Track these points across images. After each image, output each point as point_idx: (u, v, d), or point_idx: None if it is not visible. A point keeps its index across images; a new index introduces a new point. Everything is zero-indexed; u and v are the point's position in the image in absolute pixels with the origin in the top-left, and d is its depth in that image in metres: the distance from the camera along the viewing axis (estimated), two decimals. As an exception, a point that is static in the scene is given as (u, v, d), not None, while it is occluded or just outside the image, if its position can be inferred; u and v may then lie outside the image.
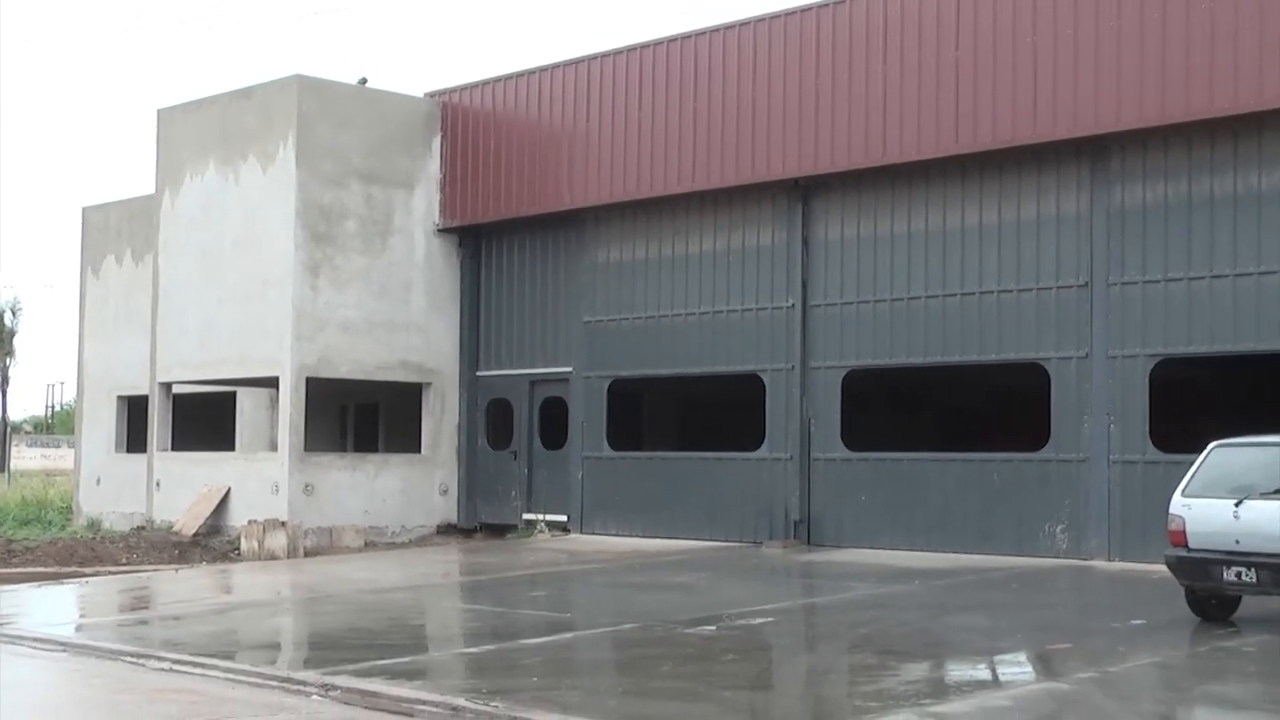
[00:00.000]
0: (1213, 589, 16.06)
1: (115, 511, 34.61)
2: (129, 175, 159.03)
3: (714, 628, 17.00)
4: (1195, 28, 21.55)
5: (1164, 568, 16.69)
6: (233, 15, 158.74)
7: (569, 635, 17.35)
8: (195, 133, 31.71)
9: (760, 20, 26.62)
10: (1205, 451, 16.51)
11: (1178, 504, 16.18)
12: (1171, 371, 23.12)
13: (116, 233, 37.30)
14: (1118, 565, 22.24)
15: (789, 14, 26.21)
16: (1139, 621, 16.77)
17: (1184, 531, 15.98)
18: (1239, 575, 15.48)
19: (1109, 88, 22.38)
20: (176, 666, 15.10)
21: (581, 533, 29.68)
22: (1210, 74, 21.43)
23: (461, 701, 12.45)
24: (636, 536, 28.46)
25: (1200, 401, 26.83)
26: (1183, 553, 16.03)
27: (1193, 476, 16.31)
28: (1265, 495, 15.44)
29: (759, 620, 17.88)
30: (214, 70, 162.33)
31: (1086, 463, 23.16)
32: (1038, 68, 23.10)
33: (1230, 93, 21.29)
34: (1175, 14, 21.72)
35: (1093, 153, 23.30)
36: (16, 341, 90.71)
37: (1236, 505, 15.51)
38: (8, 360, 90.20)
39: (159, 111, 32.77)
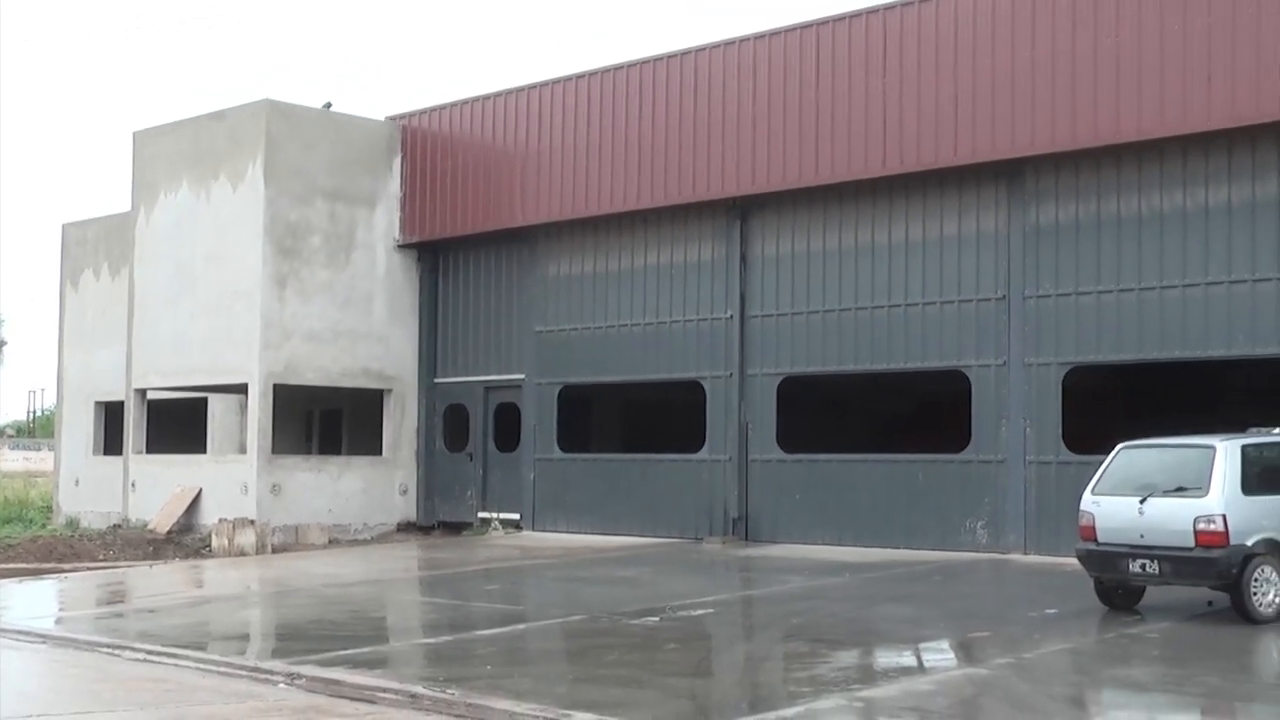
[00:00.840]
0: (1119, 580, 16.27)
1: (93, 511, 34.41)
2: (107, 192, 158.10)
3: (657, 619, 17.04)
4: (1103, 61, 21.75)
5: (1075, 560, 16.89)
6: (206, 36, 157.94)
7: (521, 626, 17.34)
8: (169, 153, 31.57)
9: (700, 50, 26.71)
10: (1113, 453, 16.72)
11: (1087, 501, 16.37)
12: (1082, 378, 23.25)
13: (94, 248, 37.14)
14: (1033, 558, 22.34)
15: (727, 44, 26.31)
16: (1052, 611, 16.88)
17: (1093, 527, 16.19)
18: (1143, 567, 15.71)
19: (1025, 114, 22.55)
20: (151, 657, 15.07)
21: (533, 530, 29.65)
22: (1116, 103, 21.63)
23: (420, 689, 12.50)
24: (585, 533, 28.45)
25: (1108, 406, 27.05)
26: (1092, 547, 16.24)
27: (1101, 476, 16.50)
28: (1167, 493, 15.67)
29: (699, 611, 17.91)
30: (187, 88, 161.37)
31: (1004, 463, 23.31)
32: (958, 96, 23.26)
33: (1134, 120, 21.49)
34: (1084, 48, 21.92)
35: (1009, 175, 23.45)
36: (2, 351, 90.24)
37: (1141, 503, 15.72)
38: None
39: (135, 133, 32.60)
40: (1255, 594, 15.23)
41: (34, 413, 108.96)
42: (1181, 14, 21.02)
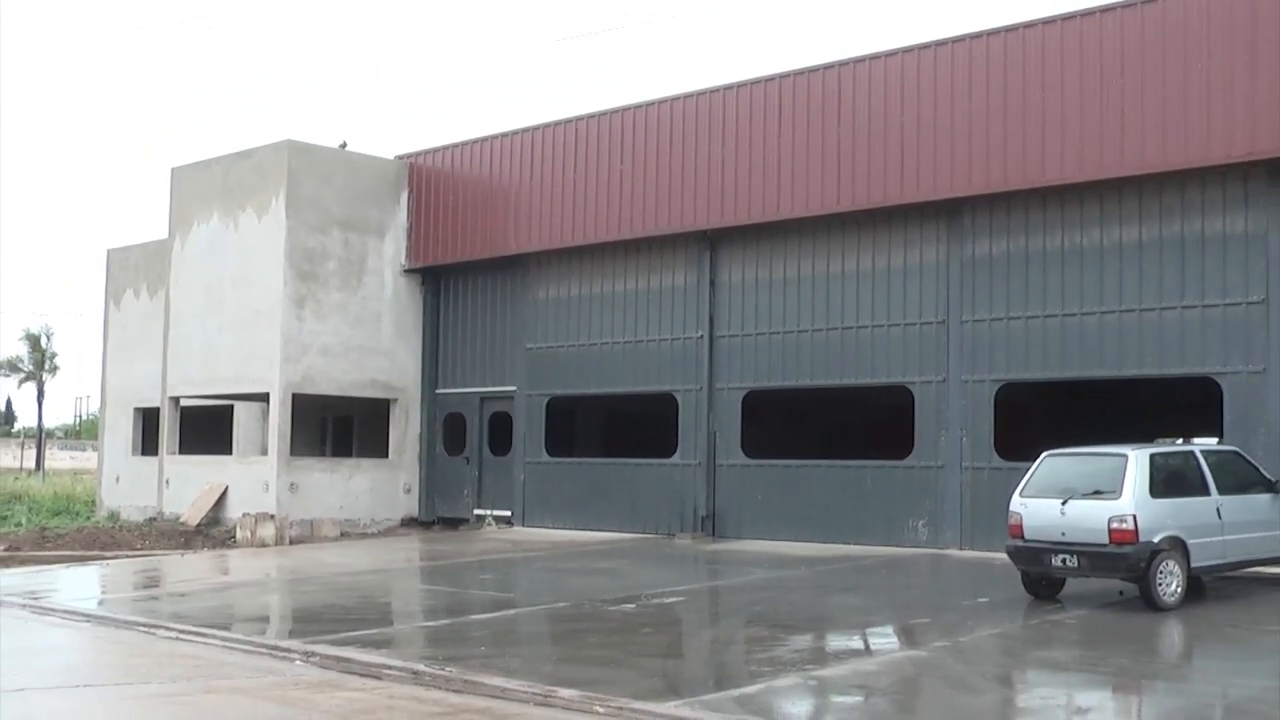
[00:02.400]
0: (1043, 573, 16.35)
1: (131, 505, 34.33)
2: (146, 220, 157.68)
3: (634, 605, 17.04)
4: (1030, 114, 21.90)
5: (1005, 555, 16.92)
6: (238, 77, 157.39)
7: (512, 612, 17.32)
8: (202, 187, 31.54)
9: (675, 99, 26.80)
10: (1038, 460, 16.83)
11: (1016, 503, 16.45)
12: (1012, 394, 23.33)
13: (135, 271, 37.06)
14: (968, 553, 22.41)
15: (700, 94, 26.39)
16: (984, 600, 16.95)
17: (1021, 525, 16.26)
18: (1064, 561, 15.80)
19: (962, 160, 22.70)
20: (182, 636, 15.09)
21: (523, 525, 29.65)
22: (1042, 151, 21.79)
23: (421, 667, 12.51)
24: (569, 529, 28.45)
25: (1034, 419, 27.16)
26: (1020, 543, 16.31)
27: (1028, 480, 16.59)
28: (1085, 496, 15.78)
29: (671, 599, 17.91)
30: (217, 118, 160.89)
31: (943, 469, 23.40)
32: (904, 143, 23.39)
33: (1057, 167, 21.65)
34: (1014, 103, 22.09)
35: (949, 213, 23.57)
36: (53, 362, 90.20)
37: (1063, 504, 15.81)
38: (44, 377, 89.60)
39: (172, 170, 32.56)
40: (1160, 585, 15.33)
41: (80, 417, 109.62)
42: (1099, 74, 21.22)
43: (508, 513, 30.15)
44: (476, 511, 30.70)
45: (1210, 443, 21.06)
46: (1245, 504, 16.69)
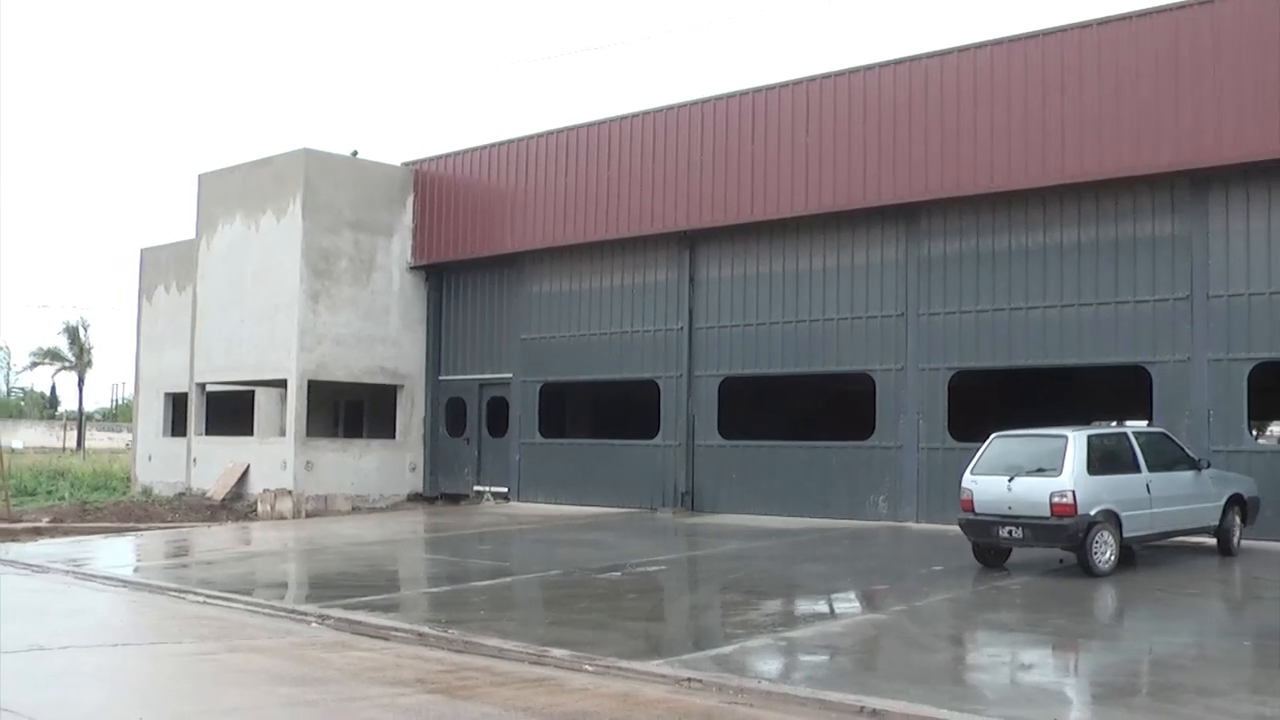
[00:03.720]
0: (992, 543, 16.45)
1: (163, 481, 34.32)
2: (175, 221, 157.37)
3: (619, 573, 17.10)
4: (980, 127, 22.00)
5: (957, 528, 17.03)
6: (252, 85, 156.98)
7: (508, 579, 17.33)
8: (226, 192, 31.54)
9: (657, 111, 26.82)
10: (988, 441, 16.92)
11: (967, 480, 16.53)
12: (964, 380, 23.49)
13: (165, 268, 37.07)
14: (924, 526, 22.53)
15: (680, 107, 26.41)
16: (938, 568, 16.97)
17: (972, 500, 16.36)
18: (1010, 533, 15.93)
19: (920, 168, 22.79)
20: (209, 600, 15.17)
21: (519, 501, 29.70)
22: (991, 160, 21.90)
23: (425, 629, 12.55)
24: (561, 504, 28.51)
25: (984, 403, 27.31)
26: (970, 516, 16.42)
27: (978, 459, 16.69)
28: (1030, 473, 15.88)
29: (654, 568, 18.00)
30: (239, 128, 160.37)
31: (901, 449, 23.53)
32: (866, 152, 23.47)
33: (1005, 174, 21.76)
34: (966, 117, 22.18)
35: (907, 216, 23.67)
36: (91, 354, 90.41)
37: (1010, 481, 15.91)
38: (84, 368, 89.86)
39: (199, 176, 32.55)
40: (1096, 553, 15.47)
41: (116, 402, 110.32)
42: (1042, 92, 21.32)
43: (504, 489, 30.21)
44: (476, 488, 30.76)
45: (1141, 425, 21.33)
46: (1171, 480, 16.86)
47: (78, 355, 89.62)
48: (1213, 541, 17.89)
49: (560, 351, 29.46)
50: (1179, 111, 20.00)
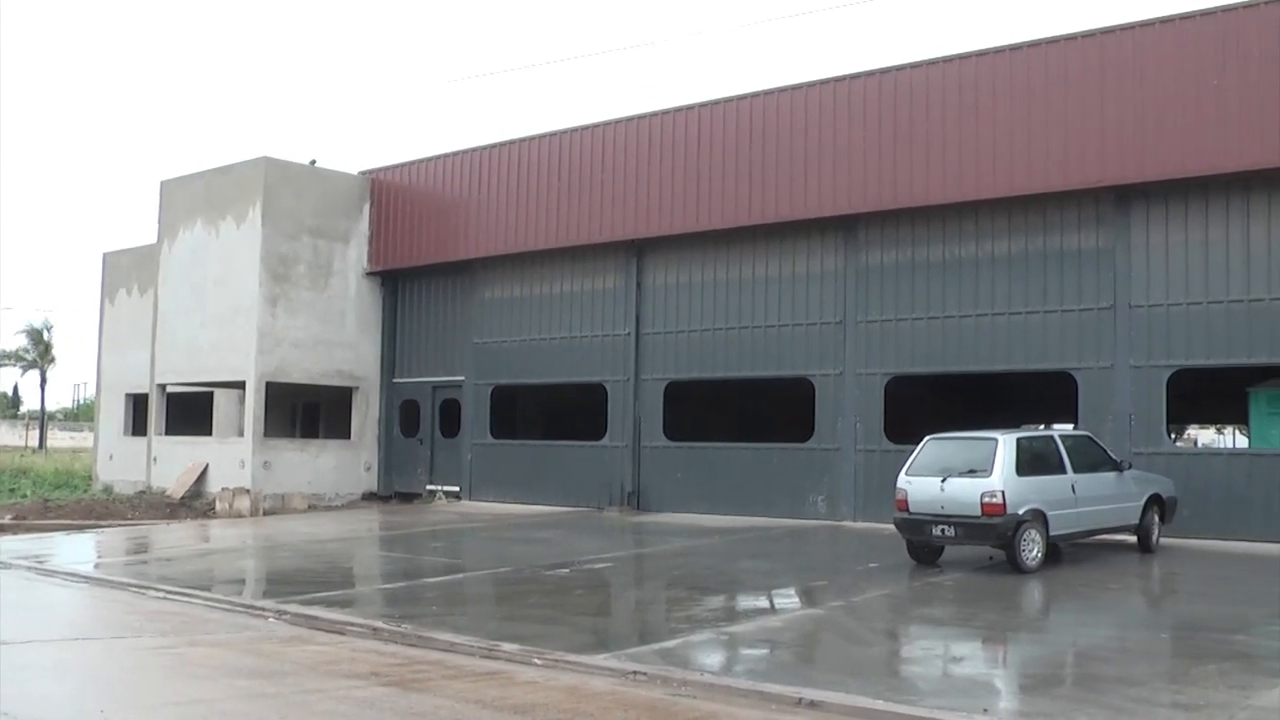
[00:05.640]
0: (925, 541, 16.57)
1: (123, 480, 33.93)
2: (138, 225, 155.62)
3: (568, 570, 17.12)
4: (916, 141, 22.20)
5: (893, 526, 17.16)
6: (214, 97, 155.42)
7: (460, 575, 17.30)
8: (187, 198, 31.26)
9: (607, 124, 26.86)
10: (922, 443, 17.05)
11: (902, 480, 16.62)
12: (900, 385, 23.62)
13: (127, 272, 36.71)
14: (861, 525, 22.65)
15: (629, 120, 26.45)
16: (874, 565, 17.09)
17: (906, 500, 16.46)
18: (943, 531, 16.07)
19: (858, 181, 22.94)
20: (169, 595, 15.06)
21: (471, 500, 29.62)
22: (927, 174, 22.09)
23: (380, 624, 12.51)
24: (511, 503, 28.46)
25: (919, 407, 27.50)
26: (905, 515, 16.52)
27: (913, 461, 16.79)
28: (961, 474, 16.00)
29: (601, 565, 17.99)
30: (200, 134, 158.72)
31: (840, 450, 23.66)
32: (807, 166, 23.60)
33: (940, 188, 21.96)
34: (902, 131, 22.36)
35: (846, 227, 23.83)
36: (53, 353, 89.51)
37: (942, 481, 16.03)
38: (46, 366, 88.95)
39: (162, 182, 32.27)
40: (1024, 551, 15.66)
41: (78, 402, 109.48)
42: (975, 110, 21.55)
43: (456, 488, 30.12)
44: (429, 487, 30.65)
45: (1067, 428, 21.55)
46: (1096, 481, 17.09)
47: (40, 355, 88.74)
48: (1133, 539, 18.15)
49: (512, 355, 29.40)
50: (1104, 130, 20.28)
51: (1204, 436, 65.68)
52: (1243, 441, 44.82)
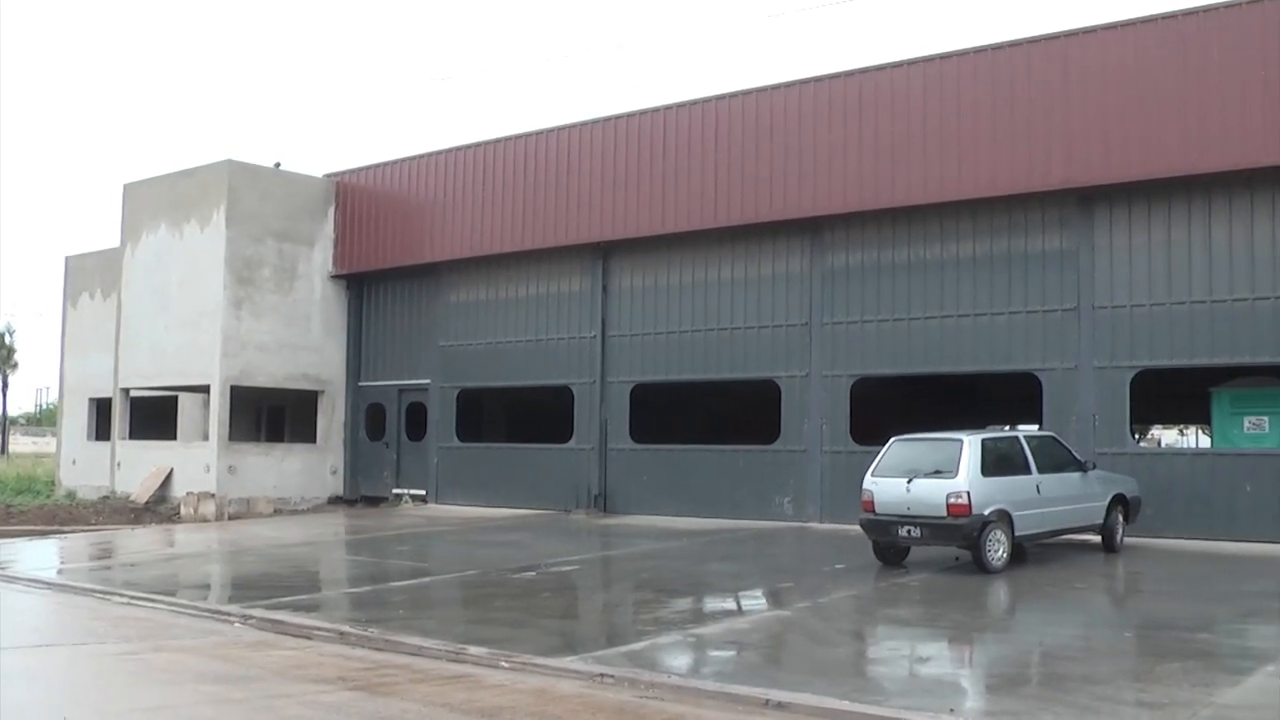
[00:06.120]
0: (891, 542, 16.63)
1: (87, 485, 33.69)
2: (101, 228, 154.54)
3: (534, 573, 17.07)
4: (881, 146, 22.30)
5: (859, 528, 17.19)
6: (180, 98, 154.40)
7: (427, 579, 17.24)
8: (151, 201, 31.10)
9: (572, 127, 26.85)
10: (887, 444, 17.10)
11: (868, 481, 16.67)
12: (865, 387, 23.72)
13: (90, 275, 36.52)
14: (827, 526, 22.72)
15: (594, 123, 26.47)
16: (841, 566, 17.11)
17: (872, 501, 16.51)
18: (909, 532, 16.13)
19: (824, 183, 23.02)
20: (133, 601, 14.94)
21: (437, 503, 29.56)
22: (892, 177, 22.19)
23: (347, 628, 12.44)
24: (478, 506, 28.40)
25: (884, 408, 27.60)
26: (871, 517, 16.57)
27: (879, 462, 16.84)
28: (927, 475, 16.07)
29: (568, 567, 17.98)
30: (165, 135, 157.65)
31: (806, 452, 23.73)
32: (773, 168, 23.66)
33: (905, 190, 22.08)
34: (868, 134, 22.47)
35: (812, 230, 23.90)
36: (16, 357, 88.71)
37: (908, 482, 16.10)
38: (8, 370, 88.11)
39: (125, 185, 32.11)
40: (990, 551, 15.74)
41: (41, 406, 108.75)
42: (939, 112, 21.67)
43: (423, 491, 30.04)
44: (395, 490, 30.56)
45: (1032, 429, 21.71)
46: (1060, 481, 17.20)
47: (2, 360, 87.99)
48: (1098, 539, 18.29)
49: (478, 358, 29.35)
50: (1068, 133, 20.44)
51: (1167, 437, 66.24)
52: (1205, 441, 45.21)
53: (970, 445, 15.97)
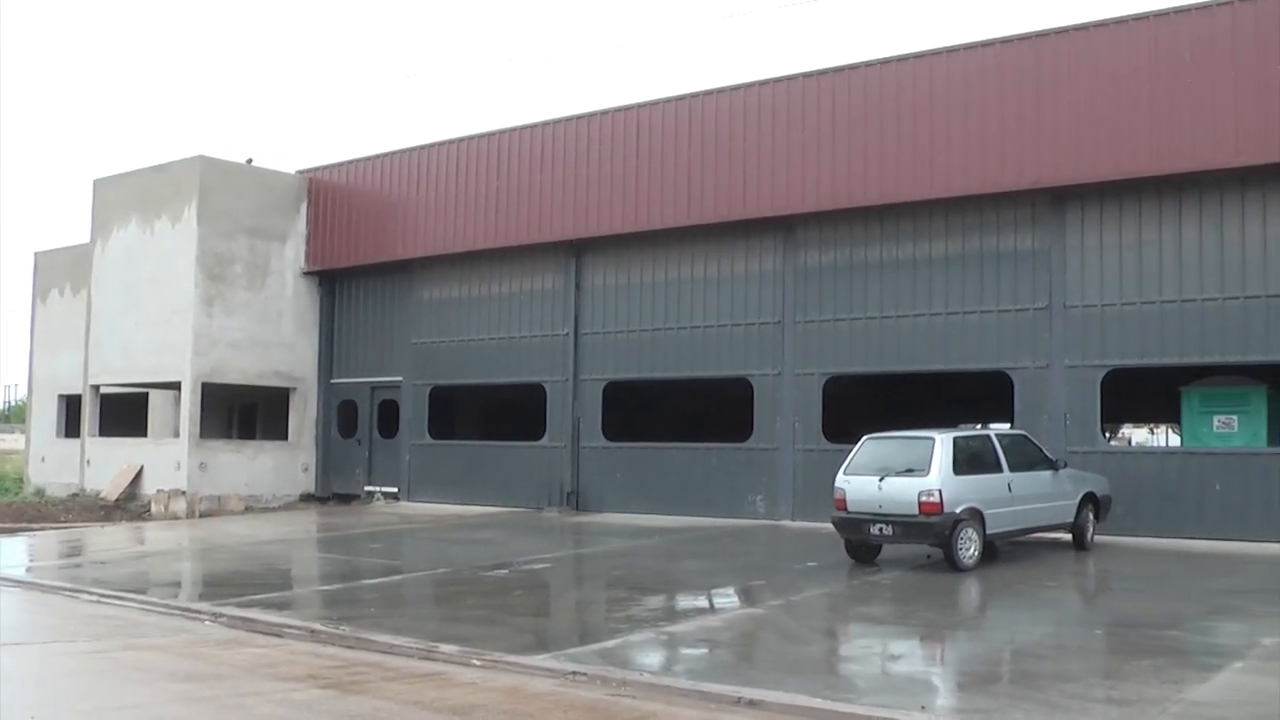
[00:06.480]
0: (863, 540, 16.69)
1: (56, 482, 33.48)
2: (71, 224, 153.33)
3: (507, 571, 17.07)
4: (854, 145, 22.33)
5: (831, 526, 17.24)
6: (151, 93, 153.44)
7: (399, 577, 17.20)
8: (121, 197, 30.93)
9: (546, 124, 26.83)
10: (859, 442, 17.17)
11: (840, 479, 16.73)
12: (837, 385, 23.78)
13: (60, 272, 36.30)
14: (799, 524, 22.76)
15: (567, 120, 26.43)
16: (813, 564, 17.18)
17: (845, 499, 16.56)
18: (881, 530, 16.19)
19: (797, 182, 23.07)
20: (103, 599, 14.87)
21: (409, 500, 29.49)
22: (865, 175, 22.23)
23: (318, 626, 12.43)
24: (450, 503, 28.35)
25: (857, 406, 27.68)
26: (843, 515, 16.62)
27: (851, 460, 16.91)
28: (899, 473, 16.13)
29: (540, 565, 17.96)
30: (135, 132, 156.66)
31: (778, 450, 23.77)
32: (746, 166, 23.71)
33: (878, 189, 22.13)
34: (841, 133, 22.51)
35: (785, 227, 23.95)
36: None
37: (880, 480, 16.15)
38: None
39: (95, 181, 31.92)
40: (961, 549, 15.81)
41: (9, 403, 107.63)
42: (913, 112, 21.73)
43: (395, 489, 29.96)
44: (367, 488, 30.46)
45: (1003, 427, 21.79)
46: (1031, 479, 17.29)
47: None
48: (1069, 537, 18.38)
49: (450, 355, 29.29)
50: (1040, 132, 20.53)
51: (1138, 435, 66.64)
52: (1175, 440, 45.51)
53: (942, 444, 16.03)
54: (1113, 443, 37.37)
